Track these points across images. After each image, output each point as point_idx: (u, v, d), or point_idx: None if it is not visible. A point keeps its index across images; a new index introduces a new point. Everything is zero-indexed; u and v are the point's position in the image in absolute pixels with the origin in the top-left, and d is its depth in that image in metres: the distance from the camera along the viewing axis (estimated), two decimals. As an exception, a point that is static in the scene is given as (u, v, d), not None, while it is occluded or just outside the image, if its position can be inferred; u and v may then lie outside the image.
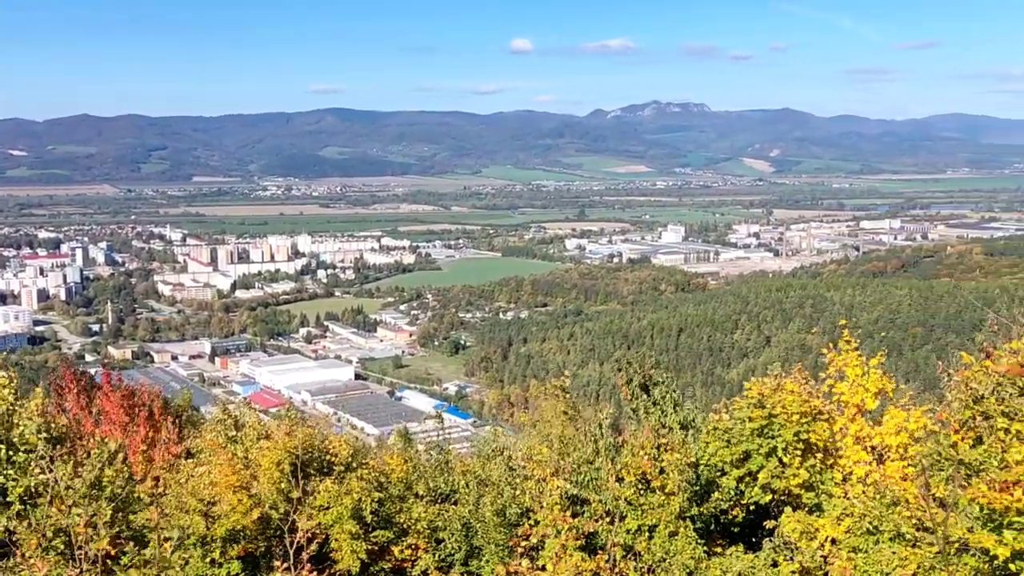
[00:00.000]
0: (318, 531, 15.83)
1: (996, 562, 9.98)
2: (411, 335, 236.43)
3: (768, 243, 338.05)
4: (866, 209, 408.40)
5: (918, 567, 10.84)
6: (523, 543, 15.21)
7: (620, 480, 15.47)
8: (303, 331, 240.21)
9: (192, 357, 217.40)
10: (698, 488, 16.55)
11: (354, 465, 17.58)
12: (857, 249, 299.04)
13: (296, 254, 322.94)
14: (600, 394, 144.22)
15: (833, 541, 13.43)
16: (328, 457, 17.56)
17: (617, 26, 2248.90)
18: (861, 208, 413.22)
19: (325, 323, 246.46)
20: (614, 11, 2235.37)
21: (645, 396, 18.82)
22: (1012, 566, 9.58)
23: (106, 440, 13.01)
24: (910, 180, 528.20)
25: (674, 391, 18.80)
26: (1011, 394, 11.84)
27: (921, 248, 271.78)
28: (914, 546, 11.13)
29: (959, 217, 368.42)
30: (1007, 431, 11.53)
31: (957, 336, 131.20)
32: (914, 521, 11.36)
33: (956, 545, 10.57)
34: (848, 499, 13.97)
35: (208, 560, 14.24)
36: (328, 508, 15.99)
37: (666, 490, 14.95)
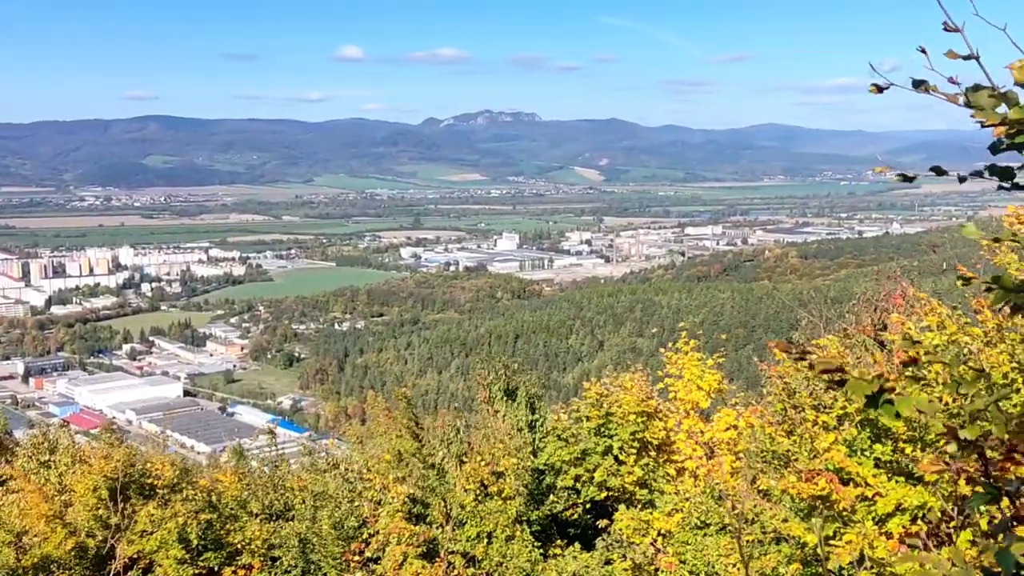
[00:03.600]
0: (141, 558, 15.00)
1: (807, 549, 10.43)
2: (243, 349, 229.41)
3: (600, 250, 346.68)
4: (690, 216, 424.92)
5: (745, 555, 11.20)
6: (356, 557, 14.88)
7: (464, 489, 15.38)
8: (127, 347, 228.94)
9: (2, 379, 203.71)
10: (537, 491, 16.64)
11: (181, 486, 16.79)
12: (683, 254, 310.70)
13: (118, 267, 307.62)
14: (439, 403, 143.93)
15: (665, 535, 13.73)
16: (151, 479, 16.70)
17: (447, 35, 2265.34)
18: (686, 215, 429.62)
19: (151, 338, 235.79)
20: (443, 20, 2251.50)
21: (506, 399, 18.87)
22: (819, 550, 10.05)
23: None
24: (731, 187, 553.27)
25: (534, 393, 18.93)
26: (821, 388, 12.41)
27: (742, 252, 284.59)
28: (737, 537, 11.51)
29: (776, 222, 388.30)
30: (815, 423, 12.10)
31: (776, 336, 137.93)
32: (736, 513, 11.76)
33: (772, 535, 11.01)
34: (679, 494, 14.34)
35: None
36: (151, 533, 15.19)
37: (504, 495, 14.94)
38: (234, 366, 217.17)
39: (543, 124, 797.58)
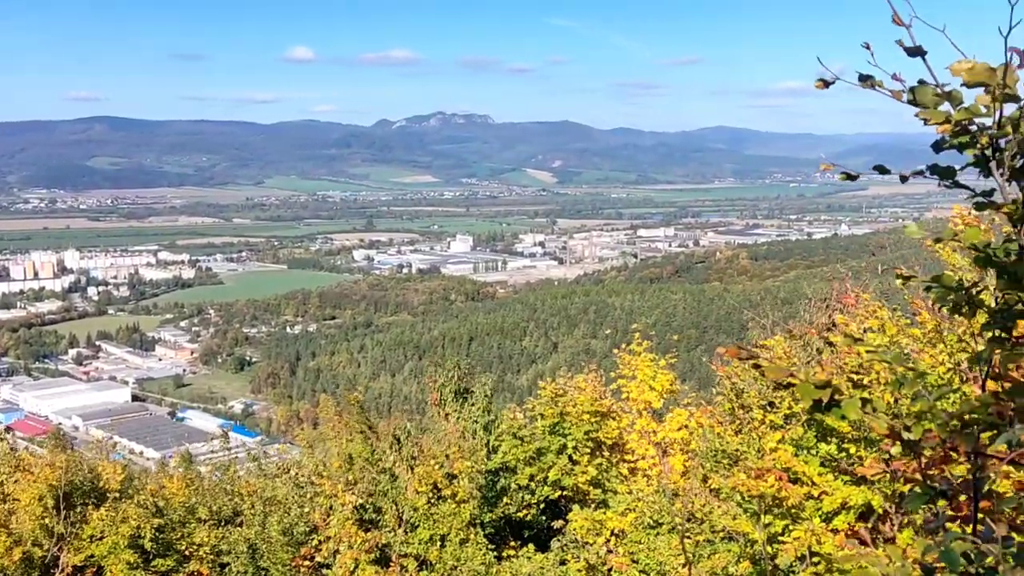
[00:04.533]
0: (90, 564, 14.74)
1: (756, 546, 10.54)
2: (192, 353, 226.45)
3: (553, 252, 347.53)
4: (643, 218, 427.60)
5: (691, 555, 11.28)
6: (306, 563, 14.76)
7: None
8: (73, 352, 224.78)
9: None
10: (491, 493, 16.63)
11: (129, 492, 16.54)
12: (636, 256, 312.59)
13: (63, 271, 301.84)
14: (392, 406, 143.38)
15: (618, 535, 13.79)
16: (99, 485, 16.42)
17: (398, 37, 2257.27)
18: (638, 217, 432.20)
19: (98, 343, 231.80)
20: (394, 22, 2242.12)
21: (458, 400, 18.84)
22: (768, 549, 10.16)
23: None
24: (682, 190, 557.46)
25: (487, 394, 18.91)
26: (768, 388, 12.56)
27: (693, 254, 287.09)
28: (687, 536, 11.60)
29: (726, 224, 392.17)
30: (763, 422, 12.24)
31: (728, 336, 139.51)
32: (686, 512, 11.86)
33: (722, 533, 11.11)
34: (633, 494, 14.42)
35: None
36: (101, 538, 14.93)
37: (457, 498, 14.91)
38: (184, 370, 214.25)
39: (496, 126, 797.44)
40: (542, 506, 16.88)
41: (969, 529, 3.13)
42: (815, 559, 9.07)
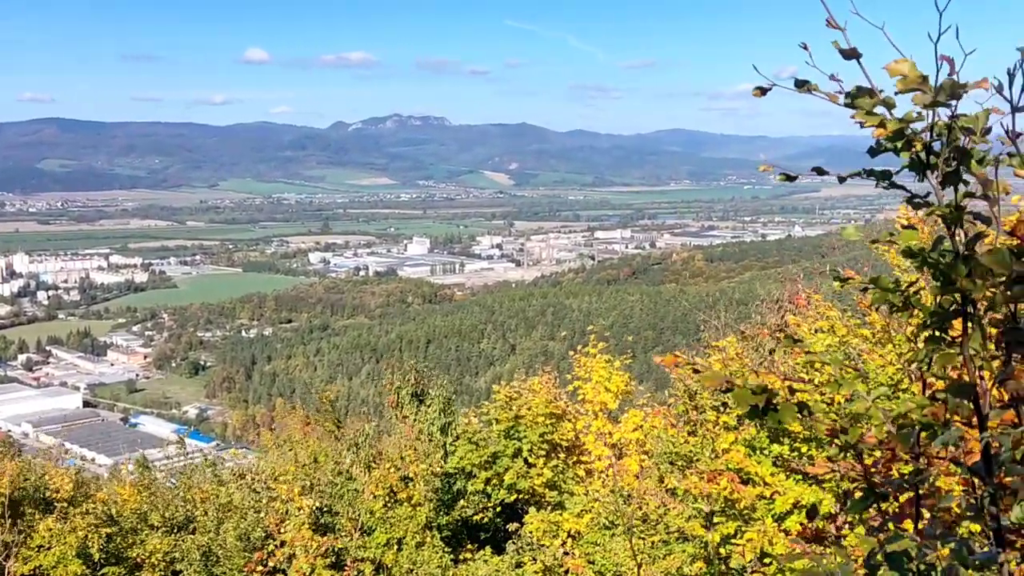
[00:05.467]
0: (38, 574, 14.49)
1: (709, 547, 10.64)
2: (146, 357, 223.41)
3: (511, 254, 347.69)
4: (600, 220, 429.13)
5: (641, 555, 11.36)
6: (259, 568, 14.63)
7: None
8: (22, 357, 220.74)
9: None
10: (447, 496, 16.62)
11: (79, 499, 16.27)
12: (593, 258, 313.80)
13: (12, 275, 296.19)
14: (350, 409, 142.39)
15: (574, 536, 13.84)
16: (48, 493, 16.14)
17: (355, 39, 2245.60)
18: (595, 219, 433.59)
19: (48, 348, 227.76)
20: (351, 24, 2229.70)
21: (415, 402, 18.79)
22: (722, 550, 10.26)
23: None
24: (639, 192, 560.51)
25: (445, 396, 18.88)
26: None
27: (650, 256, 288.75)
28: (641, 537, 11.68)
29: (682, 226, 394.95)
30: (716, 423, 12.36)
31: (684, 338, 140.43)
32: (641, 513, 11.93)
33: (676, 534, 11.20)
34: (589, 495, 14.47)
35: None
36: (49, 548, 14.68)
37: (413, 501, 14.88)
38: (137, 375, 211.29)
39: (453, 128, 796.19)
40: (499, 509, 16.89)
41: (912, 528, 3.19)
42: (767, 560, 9.17)
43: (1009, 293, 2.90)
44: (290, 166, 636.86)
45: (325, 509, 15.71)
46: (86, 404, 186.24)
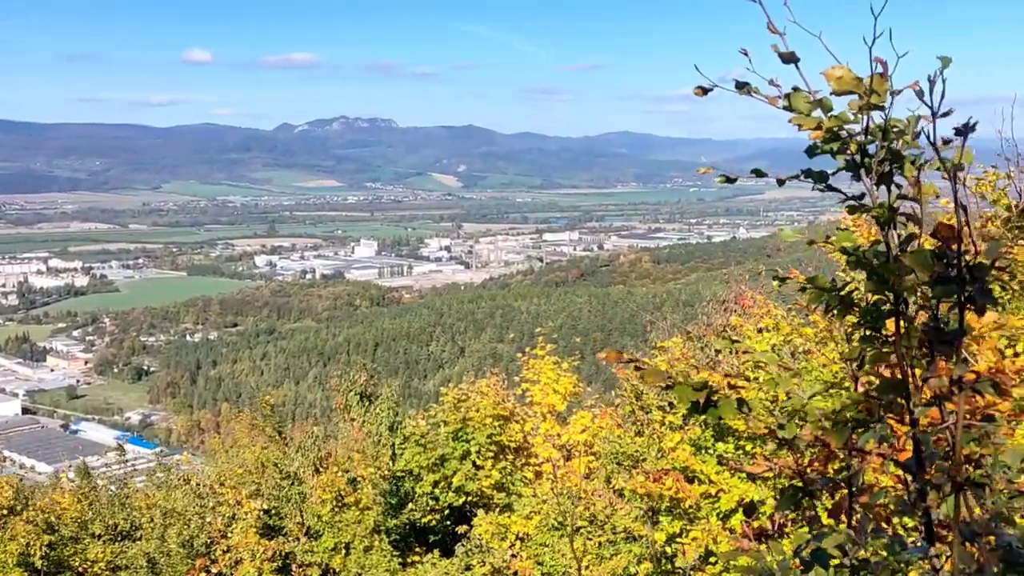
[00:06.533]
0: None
1: (656, 547, 10.75)
2: (87, 363, 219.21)
3: (459, 256, 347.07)
4: (548, 222, 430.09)
5: (582, 555, 11.44)
6: (203, 574, 14.47)
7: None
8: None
9: None
10: (396, 499, 16.56)
11: (18, 508, 15.95)
12: (541, 260, 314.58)
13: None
14: (297, 413, 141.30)
15: (523, 538, 13.88)
16: (-15, 502, 15.80)
17: (300, 40, 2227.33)
18: (543, 221, 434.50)
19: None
20: (296, 24, 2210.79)
21: (363, 404, 18.70)
22: (668, 549, 10.36)
23: None
24: (586, 194, 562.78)
25: (393, 397, 18.80)
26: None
27: (598, 258, 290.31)
28: (589, 538, 11.75)
29: (630, 228, 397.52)
30: (662, 423, 12.48)
31: (632, 339, 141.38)
32: (588, 514, 12.01)
33: (623, 534, 11.29)
34: (537, 496, 14.52)
35: None
36: (-13, 559, 14.38)
37: (361, 505, 14.82)
38: (78, 381, 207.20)
39: (400, 130, 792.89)
40: (447, 511, 16.87)
41: (845, 523, 3.26)
42: (712, 559, 9.28)
43: (931, 293, 2.98)
44: (235, 168, 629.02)
45: (272, 513, 15.57)
46: (25, 411, 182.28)
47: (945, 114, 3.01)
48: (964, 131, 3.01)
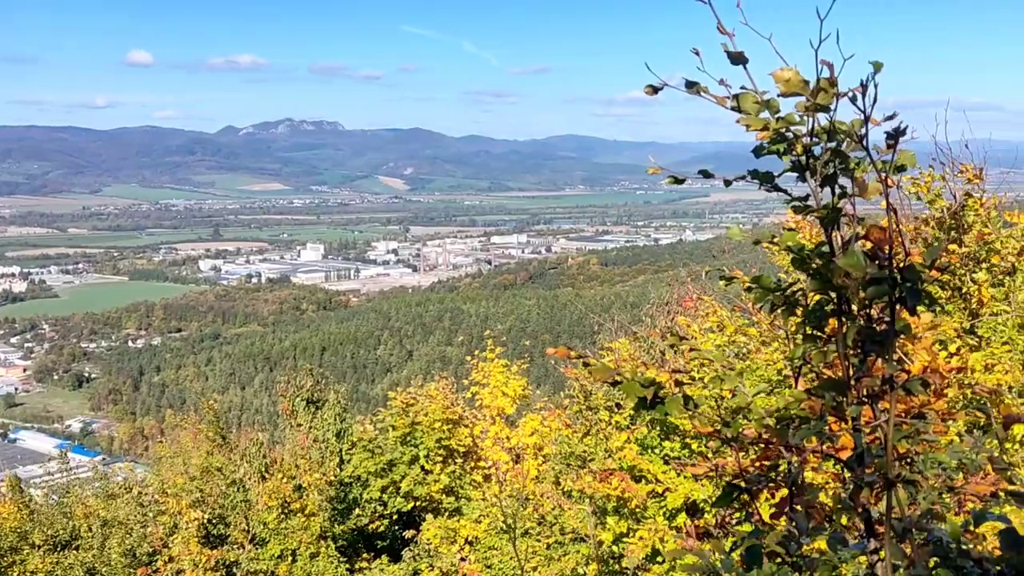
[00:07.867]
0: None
1: (603, 547, 10.80)
2: (25, 370, 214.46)
3: (407, 259, 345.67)
4: (496, 225, 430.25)
5: (542, 558, 11.46)
6: (144, 584, 14.24)
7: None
8: None
9: None
10: (342, 505, 16.44)
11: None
12: (489, 263, 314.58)
13: None
14: (243, 419, 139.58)
15: (472, 542, 13.86)
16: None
17: (244, 42, 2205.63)
18: (491, 224, 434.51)
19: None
20: (240, 26, 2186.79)
21: (310, 409, 18.53)
22: (615, 548, 10.41)
23: None
24: (534, 197, 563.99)
25: (340, 402, 18.66)
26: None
27: (546, 260, 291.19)
28: (538, 540, 11.77)
29: (578, 231, 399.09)
30: (609, 423, 12.56)
31: (580, 341, 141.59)
32: (537, 516, 12.03)
33: (571, 535, 11.34)
34: (486, 500, 14.50)
35: None
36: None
37: (307, 511, 14.67)
38: (16, 389, 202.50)
39: (346, 133, 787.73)
40: (396, 517, 16.78)
41: (784, 521, 3.29)
42: (659, 558, 9.34)
43: (863, 294, 3.03)
44: (178, 171, 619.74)
45: (216, 521, 15.35)
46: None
47: (889, 117, 3.06)
48: (895, 135, 3.06)
